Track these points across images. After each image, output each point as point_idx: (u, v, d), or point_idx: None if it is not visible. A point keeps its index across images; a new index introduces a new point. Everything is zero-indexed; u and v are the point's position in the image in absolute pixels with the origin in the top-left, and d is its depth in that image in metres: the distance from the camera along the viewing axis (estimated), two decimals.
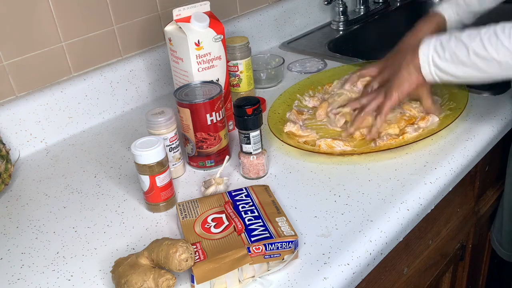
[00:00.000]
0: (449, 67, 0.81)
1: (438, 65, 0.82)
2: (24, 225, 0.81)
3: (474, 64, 0.78)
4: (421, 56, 0.84)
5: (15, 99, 0.99)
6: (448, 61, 0.81)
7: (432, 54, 0.82)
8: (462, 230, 1.06)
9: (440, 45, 0.82)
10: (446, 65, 0.81)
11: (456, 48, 0.79)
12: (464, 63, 0.79)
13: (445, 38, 0.82)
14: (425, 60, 0.83)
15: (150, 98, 1.18)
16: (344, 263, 0.67)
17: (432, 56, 0.82)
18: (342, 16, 1.52)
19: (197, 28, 0.91)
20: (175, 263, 0.61)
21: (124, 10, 1.10)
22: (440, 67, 0.82)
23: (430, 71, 0.83)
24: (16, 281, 0.70)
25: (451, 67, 0.81)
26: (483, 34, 0.77)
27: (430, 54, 0.83)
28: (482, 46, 0.77)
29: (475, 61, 0.78)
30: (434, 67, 0.83)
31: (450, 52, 0.80)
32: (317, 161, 0.88)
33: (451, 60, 0.80)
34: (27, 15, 0.97)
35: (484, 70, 0.78)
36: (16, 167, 0.96)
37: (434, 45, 0.82)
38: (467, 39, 0.79)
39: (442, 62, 0.81)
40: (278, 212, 0.72)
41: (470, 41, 0.78)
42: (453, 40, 0.80)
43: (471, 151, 0.88)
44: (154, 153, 0.76)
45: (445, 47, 0.81)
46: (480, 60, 0.77)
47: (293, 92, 1.09)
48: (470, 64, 0.78)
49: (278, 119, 1.00)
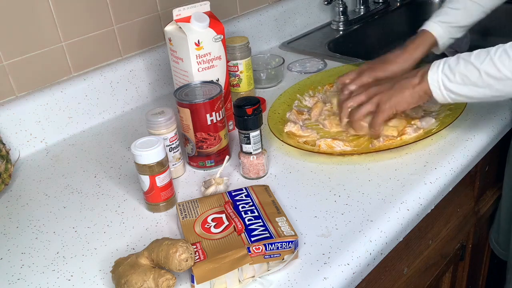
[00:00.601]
0: (461, 89, 0.79)
1: (450, 89, 0.80)
2: (24, 225, 0.81)
3: (488, 85, 0.76)
4: (431, 82, 0.81)
5: (15, 99, 0.99)
6: (459, 84, 0.78)
7: (441, 78, 0.80)
8: (462, 230, 1.06)
9: (449, 68, 0.79)
10: (458, 87, 0.79)
11: (466, 70, 0.77)
12: (476, 85, 0.77)
13: (453, 62, 0.80)
14: (436, 85, 0.81)
15: (150, 98, 1.18)
16: (344, 263, 0.67)
17: (442, 80, 0.80)
18: (342, 16, 1.52)
19: (197, 28, 0.91)
20: (175, 263, 0.61)
21: (124, 10, 1.10)
22: (452, 90, 0.80)
23: (443, 95, 0.81)
24: (16, 281, 0.70)
25: (463, 89, 0.79)
26: (493, 54, 0.75)
27: (440, 78, 0.80)
28: (494, 67, 0.75)
29: (488, 82, 0.76)
30: (446, 91, 0.80)
31: (460, 74, 0.78)
32: (317, 161, 0.88)
33: (463, 83, 0.78)
34: (27, 15, 0.97)
35: (498, 89, 0.76)
36: (16, 167, 0.96)
37: (442, 69, 0.80)
38: (476, 61, 0.77)
39: (453, 85, 0.79)
40: (278, 212, 0.72)
41: (480, 62, 0.76)
42: (462, 63, 0.78)
43: (471, 151, 0.88)
44: (154, 153, 0.76)
45: (454, 70, 0.79)
46: (493, 80, 0.75)
47: (293, 92, 1.09)
48: (483, 85, 0.77)
49: (278, 119, 1.00)
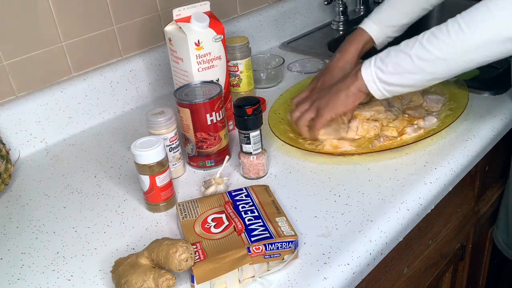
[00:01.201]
0: (396, 79, 0.79)
1: (384, 80, 0.80)
2: (24, 225, 0.81)
3: (420, 69, 0.77)
4: (365, 77, 0.82)
5: (15, 99, 0.99)
6: (392, 73, 0.79)
7: (375, 71, 0.80)
8: (462, 230, 1.06)
9: (380, 60, 0.80)
10: (391, 77, 0.79)
11: (398, 58, 0.78)
12: (410, 71, 0.78)
13: (383, 54, 0.80)
14: (370, 79, 0.81)
15: (150, 98, 1.18)
16: (344, 263, 0.67)
17: (376, 73, 0.80)
18: (342, 16, 1.52)
19: (197, 28, 0.91)
20: (175, 263, 0.61)
21: (124, 10, 1.10)
22: (386, 82, 0.80)
23: (378, 88, 0.81)
24: (16, 281, 0.70)
25: (398, 78, 0.79)
26: (420, 38, 0.76)
27: (373, 71, 0.81)
28: (424, 49, 0.75)
29: (420, 66, 0.76)
30: (380, 83, 0.81)
31: (392, 64, 0.79)
32: (317, 161, 0.88)
33: (396, 71, 0.78)
34: (27, 15, 0.97)
35: (431, 72, 0.77)
36: (16, 167, 0.96)
37: (374, 63, 0.81)
38: (406, 48, 0.78)
39: (387, 76, 0.79)
40: (278, 212, 0.72)
41: (410, 48, 0.77)
42: (392, 53, 0.79)
43: (471, 151, 0.88)
44: (154, 153, 0.76)
45: (386, 61, 0.79)
46: (425, 63, 0.76)
47: (294, 92, 1.09)
48: (417, 70, 0.77)
49: (279, 119, 1.00)
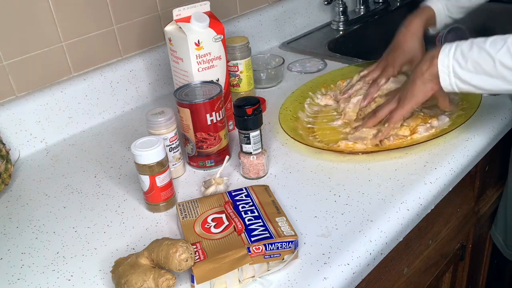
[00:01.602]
0: (472, 78, 0.75)
1: (460, 76, 0.76)
2: (24, 225, 0.81)
3: (501, 76, 0.73)
4: (440, 67, 0.78)
5: (15, 99, 0.99)
6: (471, 72, 0.75)
7: (452, 63, 0.76)
8: (462, 230, 1.06)
9: (461, 54, 0.76)
10: (469, 75, 0.75)
11: (480, 58, 0.74)
12: (489, 74, 0.74)
13: (466, 46, 0.76)
14: (445, 71, 0.77)
15: (150, 98, 1.18)
16: (344, 263, 0.67)
17: (453, 66, 0.76)
18: (342, 16, 1.52)
19: (197, 28, 0.91)
20: (175, 263, 0.61)
21: (124, 10, 1.10)
22: (462, 78, 0.76)
23: (451, 82, 0.78)
24: (16, 281, 0.70)
25: (475, 78, 0.75)
26: (510, 43, 0.72)
27: (451, 63, 0.76)
28: (510, 57, 0.71)
29: (502, 73, 0.72)
30: (455, 78, 0.77)
31: (473, 61, 0.74)
32: (317, 161, 0.88)
33: (475, 71, 0.74)
34: (27, 15, 0.97)
35: (511, 81, 0.73)
36: (16, 167, 0.96)
37: (454, 54, 0.76)
38: (492, 49, 0.73)
39: (465, 73, 0.75)
40: (278, 212, 0.72)
41: (496, 51, 0.72)
42: (476, 49, 0.74)
43: (471, 151, 0.88)
44: (154, 153, 0.76)
45: (467, 56, 0.75)
46: (508, 72, 0.72)
47: (306, 90, 1.09)
48: (497, 76, 0.73)
49: (290, 116, 1.00)
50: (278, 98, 1.11)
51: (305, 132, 0.96)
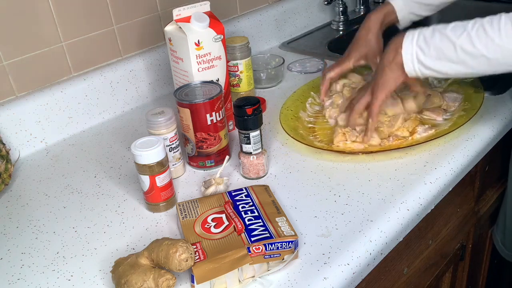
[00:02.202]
0: (435, 64, 0.77)
1: (423, 62, 0.78)
2: (24, 225, 0.81)
3: (462, 61, 0.75)
4: (404, 54, 0.80)
5: (15, 99, 0.99)
6: (433, 58, 0.77)
7: (416, 51, 0.78)
8: (462, 230, 1.06)
9: (424, 40, 0.78)
10: (431, 61, 0.77)
11: (442, 44, 0.76)
12: (451, 60, 0.76)
13: (428, 33, 0.78)
14: (409, 58, 0.79)
15: (150, 98, 1.18)
16: (344, 263, 0.67)
17: (416, 53, 0.78)
18: (342, 16, 1.52)
19: (197, 28, 0.91)
20: (175, 263, 0.61)
21: (124, 10, 1.10)
22: (425, 64, 0.78)
23: (414, 68, 0.80)
24: (16, 281, 0.70)
25: (437, 63, 0.77)
26: (470, 28, 0.73)
27: (414, 50, 0.78)
28: (470, 42, 0.73)
29: (463, 58, 0.74)
30: (418, 64, 0.79)
31: (435, 48, 0.76)
32: (317, 161, 0.88)
33: (437, 57, 0.77)
34: (27, 15, 0.97)
35: (472, 66, 0.75)
36: (16, 167, 0.96)
37: (417, 41, 0.78)
38: (453, 34, 0.75)
39: (427, 59, 0.78)
40: (278, 212, 0.72)
41: (457, 37, 0.74)
42: (437, 35, 0.76)
43: (471, 151, 0.88)
44: (154, 153, 0.76)
45: (429, 42, 0.77)
46: (468, 57, 0.74)
47: (307, 90, 1.09)
48: (458, 61, 0.75)
49: (291, 115, 1.00)
50: (278, 98, 1.11)
51: (306, 132, 0.96)
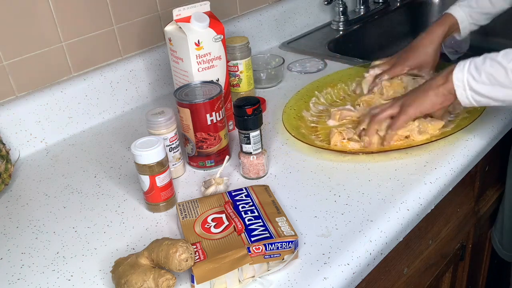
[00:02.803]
0: (487, 90, 0.77)
1: (475, 89, 0.78)
2: (24, 225, 0.81)
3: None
4: (456, 82, 0.79)
5: (15, 99, 0.99)
6: (485, 84, 0.76)
7: (467, 78, 0.78)
8: (462, 230, 1.06)
9: (475, 67, 0.77)
10: (483, 88, 0.77)
11: (493, 69, 0.75)
12: (503, 85, 0.75)
13: (479, 60, 0.78)
14: (460, 85, 0.79)
15: (150, 98, 1.18)
16: (344, 263, 0.67)
17: (468, 80, 0.78)
18: (342, 16, 1.52)
19: (197, 28, 0.91)
20: (175, 263, 0.61)
21: (124, 10, 1.10)
22: (477, 91, 0.78)
23: (467, 96, 0.79)
24: (16, 281, 0.70)
25: (488, 89, 0.77)
26: None
27: (465, 78, 0.78)
28: None
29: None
30: (470, 91, 0.78)
31: (486, 74, 0.76)
32: (317, 161, 0.88)
33: (489, 82, 0.76)
34: (27, 15, 0.97)
35: None
36: (16, 167, 0.96)
37: (468, 68, 0.78)
38: (504, 60, 0.75)
39: (479, 85, 0.77)
40: (278, 212, 0.72)
41: (508, 61, 0.74)
42: (488, 62, 0.76)
43: (471, 151, 0.88)
44: (154, 153, 0.76)
45: (480, 69, 0.77)
46: None
47: (311, 89, 1.09)
48: (510, 85, 0.75)
49: (294, 115, 1.00)
50: (278, 98, 1.11)
51: (308, 131, 0.96)
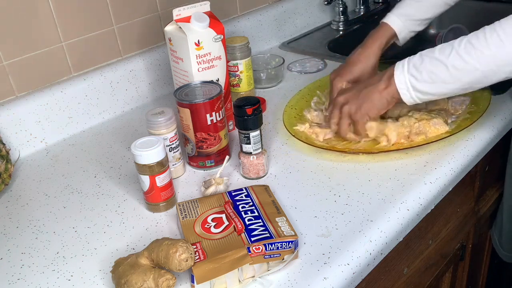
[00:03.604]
0: (431, 88, 0.78)
1: (418, 89, 0.79)
2: (24, 225, 0.81)
3: (456, 79, 0.75)
4: (398, 85, 0.80)
5: (15, 99, 0.99)
6: (427, 82, 0.77)
7: (409, 79, 0.79)
8: (462, 230, 1.06)
9: (414, 67, 0.78)
10: (426, 86, 0.78)
11: (433, 67, 0.76)
12: (445, 81, 0.76)
13: (417, 60, 0.78)
14: (404, 87, 0.80)
15: (150, 98, 1.18)
16: (344, 263, 0.67)
17: (410, 81, 0.79)
18: (342, 16, 1.52)
19: (197, 28, 0.91)
20: (175, 263, 0.61)
21: (124, 10, 1.10)
22: (420, 90, 0.79)
23: (411, 96, 0.80)
24: (16, 281, 0.70)
25: (432, 87, 0.77)
26: (457, 46, 0.74)
27: (407, 79, 0.79)
28: (461, 59, 0.73)
29: (457, 76, 0.75)
30: (414, 91, 0.79)
31: (427, 72, 0.77)
32: (317, 161, 0.88)
33: (431, 81, 0.77)
34: (27, 15, 0.97)
35: (467, 82, 0.75)
36: (16, 167, 0.96)
37: (408, 69, 0.79)
38: (442, 56, 0.75)
39: (421, 84, 0.78)
40: (278, 212, 0.72)
41: (446, 56, 0.75)
42: (427, 60, 0.77)
43: (471, 151, 0.88)
44: (154, 153, 0.76)
45: (420, 68, 0.77)
46: (462, 73, 0.74)
47: (313, 89, 1.09)
48: (452, 80, 0.76)
49: (294, 114, 1.00)
50: (278, 98, 1.11)
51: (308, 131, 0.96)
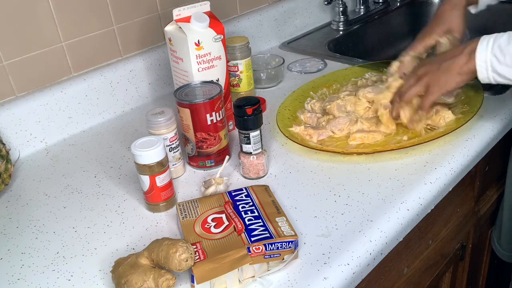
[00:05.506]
0: (510, 72, 0.76)
1: (498, 71, 0.77)
2: (24, 225, 0.81)
3: None
4: (478, 62, 0.78)
5: (15, 99, 0.99)
6: (509, 67, 0.76)
7: (490, 59, 0.77)
8: (462, 230, 1.06)
9: (499, 48, 0.76)
10: (506, 70, 0.76)
11: None
12: None
13: (504, 41, 0.76)
14: (483, 65, 0.78)
15: (150, 98, 1.18)
16: (344, 263, 0.67)
17: (491, 61, 0.77)
18: (342, 16, 1.52)
19: (197, 28, 0.91)
20: (175, 263, 0.61)
21: (124, 10, 1.10)
22: (500, 73, 0.77)
23: (488, 76, 0.78)
24: (16, 281, 0.70)
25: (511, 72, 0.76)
26: None
27: (489, 59, 0.77)
28: None
29: None
30: (493, 73, 0.78)
31: (511, 56, 0.75)
32: (318, 160, 0.88)
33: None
34: (27, 15, 0.97)
35: None
36: (16, 167, 0.96)
37: (492, 49, 0.77)
38: None
39: (503, 67, 0.76)
40: (278, 212, 0.72)
41: None
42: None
43: (471, 151, 0.88)
44: (154, 153, 0.76)
45: (505, 51, 0.75)
46: None
47: (307, 90, 1.09)
48: None
49: (288, 115, 1.00)
50: (278, 98, 1.11)
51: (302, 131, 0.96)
